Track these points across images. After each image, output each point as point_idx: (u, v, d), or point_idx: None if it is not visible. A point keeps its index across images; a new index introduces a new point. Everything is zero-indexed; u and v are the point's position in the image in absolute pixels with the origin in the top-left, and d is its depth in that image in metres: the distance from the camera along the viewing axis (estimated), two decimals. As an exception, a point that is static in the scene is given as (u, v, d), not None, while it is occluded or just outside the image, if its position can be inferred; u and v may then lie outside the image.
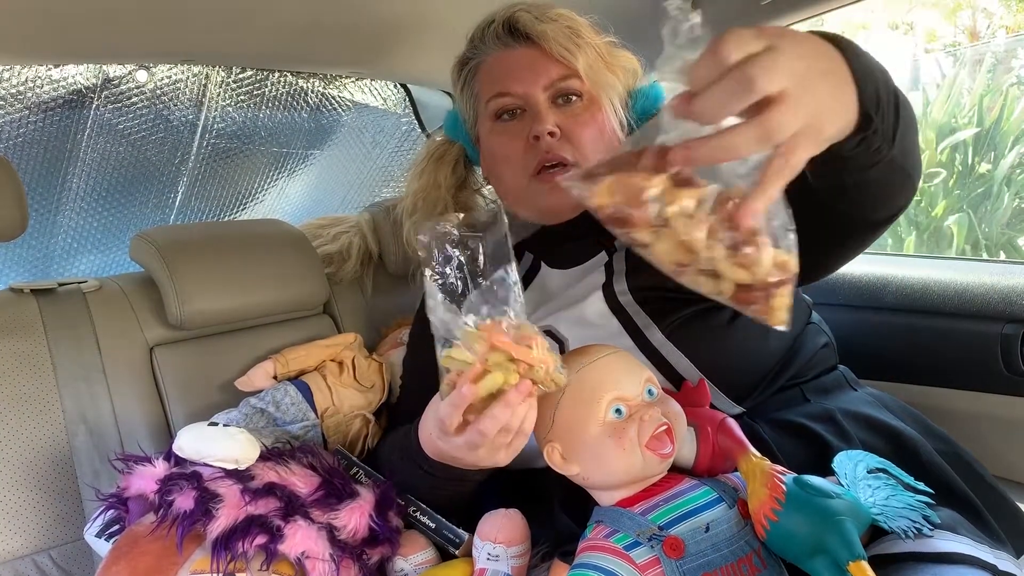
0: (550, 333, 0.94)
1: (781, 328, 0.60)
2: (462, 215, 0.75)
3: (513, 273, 0.70)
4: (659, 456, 0.73)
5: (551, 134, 0.91)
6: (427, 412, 0.82)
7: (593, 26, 0.97)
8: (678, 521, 0.72)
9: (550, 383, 0.70)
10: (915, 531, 0.72)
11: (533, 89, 0.93)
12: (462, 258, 0.72)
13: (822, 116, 0.54)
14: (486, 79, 0.98)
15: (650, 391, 0.76)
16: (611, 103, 0.94)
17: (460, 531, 0.87)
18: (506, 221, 0.73)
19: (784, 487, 0.70)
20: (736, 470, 0.77)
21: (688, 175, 0.57)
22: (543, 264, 1.03)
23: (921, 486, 0.77)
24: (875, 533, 0.74)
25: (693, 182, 0.57)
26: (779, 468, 0.73)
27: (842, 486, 0.75)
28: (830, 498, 0.69)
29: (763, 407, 0.90)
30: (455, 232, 0.72)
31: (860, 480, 0.76)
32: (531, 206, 0.98)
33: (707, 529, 0.71)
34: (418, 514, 0.90)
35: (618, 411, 0.74)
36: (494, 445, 0.72)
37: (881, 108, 0.62)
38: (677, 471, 0.78)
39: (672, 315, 0.90)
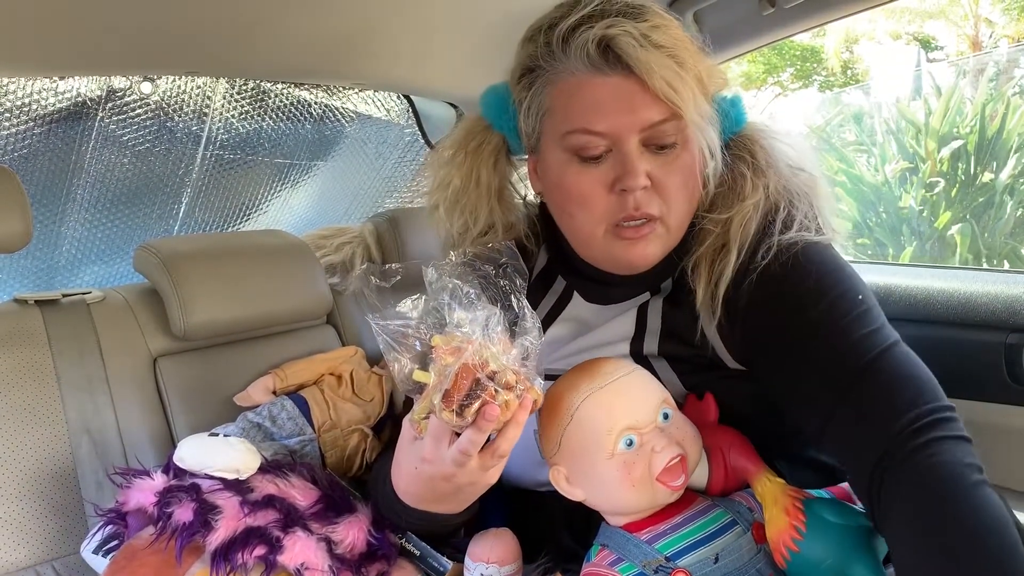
0: None
1: None
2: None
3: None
4: (671, 489, 0.70)
5: (643, 187, 0.78)
6: (399, 453, 0.78)
7: (690, 38, 0.81)
8: (687, 551, 0.70)
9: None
10: None
11: (626, 132, 0.77)
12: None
13: None
14: (565, 103, 0.80)
15: (665, 414, 0.72)
16: (709, 143, 0.80)
17: (444, 560, 0.86)
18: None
19: (804, 515, 0.67)
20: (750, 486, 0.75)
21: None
22: (575, 293, 0.94)
23: None
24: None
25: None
26: (797, 491, 0.71)
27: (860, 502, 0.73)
28: (854, 524, 0.67)
29: (781, 445, 0.86)
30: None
31: None
32: (603, 255, 0.85)
33: (716, 560, 0.69)
34: (404, 541, 0.90)
35: (629, 442, 0.70)
36: (483, 464, 0.70)
37: None
38: (690, 491, 0.74)
39: (701, 375, 0.84)
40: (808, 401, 0.75)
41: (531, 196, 1.01)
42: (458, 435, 0.69)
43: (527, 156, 0.92)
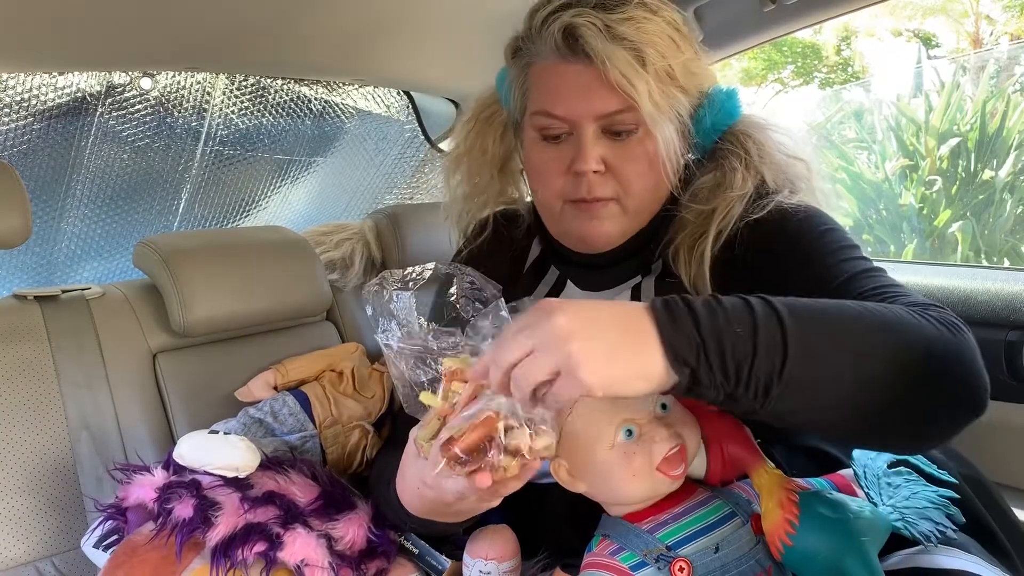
0: None
1: None
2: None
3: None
4: (670, 478, 0.70)
5: (595, 171, 0.82)
6: (404, 465, 0.78)
7: (674, 31, 0.83)
8: (687, 541, 0.70)
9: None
10: (938, 534, 0.71)
11: (582, 118, 0.81)
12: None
13: (577, 360, 0.56)
14: (535, 85, 0.86)
15: (663, 405, 0.73)
16: (668, 136, 0.82)
17: (443, 559, 0.87)
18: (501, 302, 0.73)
19: (798, 508, 0.67)
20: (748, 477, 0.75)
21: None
22: (568, 282, 0.96)
23: (945, 475, 0.75)
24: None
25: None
26: (793, 484, 0.71)
27: (861, 490, 0.74)
28: (847, 517, 0.67)
29: (779, 433, 0.86)
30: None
31: (880, 478, 0.74)
32: (564, 230, 0.90)
33: (717, 549, 0.69)
34: (403, 539, 0.90)
35: (629, 432, 0.70)
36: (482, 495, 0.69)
37: (705, 368, 0.57)
38: (689, 481, 0.75)
39: None
40: None
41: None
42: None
43: None
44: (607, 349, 0.56)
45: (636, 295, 0.89)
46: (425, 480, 0.71)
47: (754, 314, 0.58)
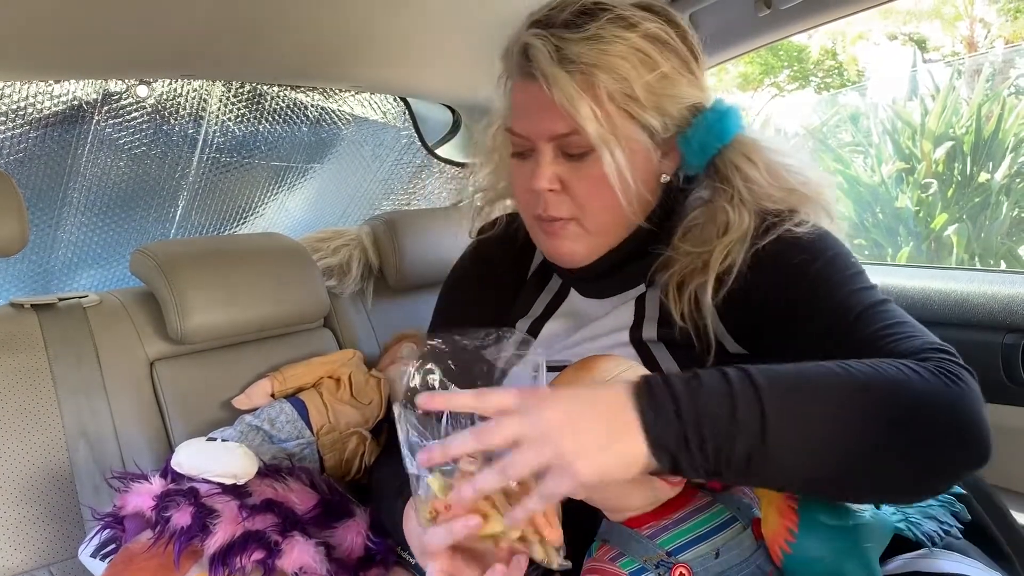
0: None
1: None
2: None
3: None
4: (671, 485, 0.70)
5: (550, 190, 0.82)
6: (407, 516, 0.78)
7: (651, 45, 0.79)
8: (688, 546, 0.70)
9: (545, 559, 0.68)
10: (942, 535, 0.71)
11: (538, 138, 0.82)
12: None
13: (570, 458, 0.58)
14: (510, 101, 0.87)
15: None
16: (620, 160, 0.78)
17: None
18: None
19: (797, 515, 0.67)
20: None
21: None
22: (572, 290, 0.97)
23: None
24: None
25: None
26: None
27: None
28: (847, 523, 0.67)
29: None
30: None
31: None
32: (540, 247, 0.91)
33: (717, 555, 0.69)
34: (399, 549, 0.90)
35: None
36: None
37: (686, 455, 0.59)
38: (690, 486, 0.74)
39: (700, 360, 0.84)
40: (808, 356, 0.74)
41: None
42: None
43: None
44: (596, 445, 0.58)
45: (640, 305, 0.89)
46: (423, 552, 0.72)
47: (733, 393, 0.60)
